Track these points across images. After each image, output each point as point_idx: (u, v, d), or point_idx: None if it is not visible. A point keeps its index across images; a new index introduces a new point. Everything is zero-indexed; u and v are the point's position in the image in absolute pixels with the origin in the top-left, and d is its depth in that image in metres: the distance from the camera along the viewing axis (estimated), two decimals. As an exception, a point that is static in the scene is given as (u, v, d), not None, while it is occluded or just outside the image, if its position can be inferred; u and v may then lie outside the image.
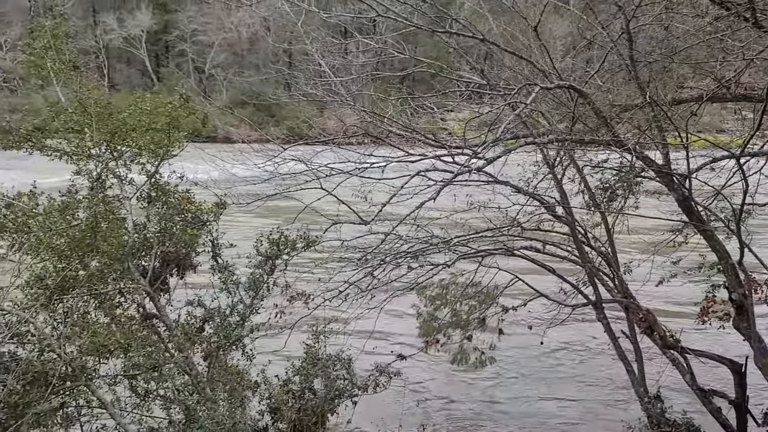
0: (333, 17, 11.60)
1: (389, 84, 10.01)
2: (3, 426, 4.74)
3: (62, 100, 7.64)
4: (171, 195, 7.44)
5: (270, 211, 15.93)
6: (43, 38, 7.44)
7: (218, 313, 7.09)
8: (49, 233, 5.95)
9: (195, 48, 63.01)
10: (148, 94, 7.66)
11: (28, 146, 7.12)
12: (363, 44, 9.63)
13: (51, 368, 4.99)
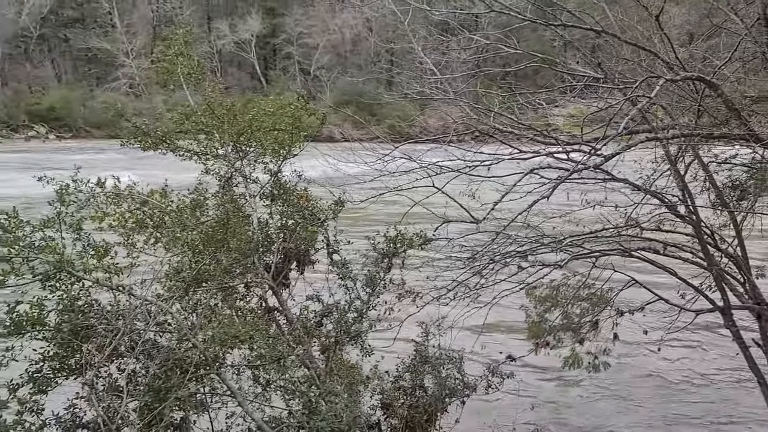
0: (440, 14, 11.61)
1: (491, 81, 9.87)
2: (149, 408, 5.13)
3: (191, 103, 8.13)
4: (291, 193, 7.74)
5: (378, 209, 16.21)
6: (175, 45, 7.97)
7: (336, 308, 7.30)
8: (183, 229, 6.35)
9: (301, 50, 65.09)
10: (271, 96, 8.01)
11: (164, 147, 7.65)
12: (464, 41, 9.57)
13: (187, 356, 5.33)
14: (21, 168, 38.13)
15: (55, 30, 66.70)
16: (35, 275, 5.69)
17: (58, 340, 5.55)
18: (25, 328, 5.67)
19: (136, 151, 8.19)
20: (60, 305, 5.68)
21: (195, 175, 8.16)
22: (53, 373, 5.72)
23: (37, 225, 5.85)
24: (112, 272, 5.95)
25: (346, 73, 61.21)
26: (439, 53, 9.76)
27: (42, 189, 6.73)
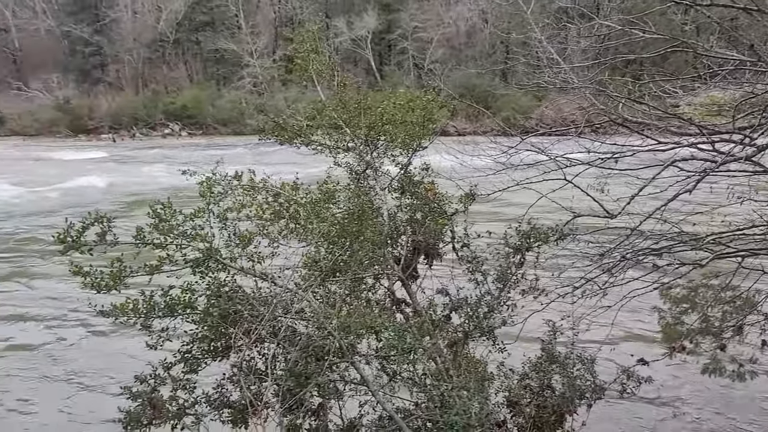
0: (562, 2, 11.19)
1: (614, 69, 9.37)
2: (291, 393, 5.34)
3: (323, 98, 8.37)
4: (419, 186, 7.76)
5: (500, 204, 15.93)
6: (308, 42, 8.22)
7: (465, 303, 7.24)
8: (317, 220, 6.54)
9: (415, 45, 65.32)
10: (401, 90, 8.07)
11: (299, 141, 7.93)
12: (586, 28, 9.14)
13: (325, 344, 5.49)
14: (158, 162, 41.18)
15: (188, 34, 71.41)
16: (187, 262, 6.09)
17: (207, 324, 5.91)
18: (177, 311, 6.09)
19: (258, 147, 8.57)
20: (208, 291, 6.05)
21: (317, 170, 8.41)
22: (202, 354, 6.12)
23: (188, 215, 6.26)
24: (255, 261, 6.25)
25: (460, 67, 60.75)
26: (557, 42, 9.42)
27: (172, 180, 7.21)
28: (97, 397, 11.31)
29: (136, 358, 12.14)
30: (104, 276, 5.89)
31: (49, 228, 23.48)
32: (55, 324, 15.00)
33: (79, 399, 11.40)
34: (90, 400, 11.31)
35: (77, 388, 11.80)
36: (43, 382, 12.15)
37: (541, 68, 8.86)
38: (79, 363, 12.88)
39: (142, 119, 63.53)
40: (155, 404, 5.74)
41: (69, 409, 11.06)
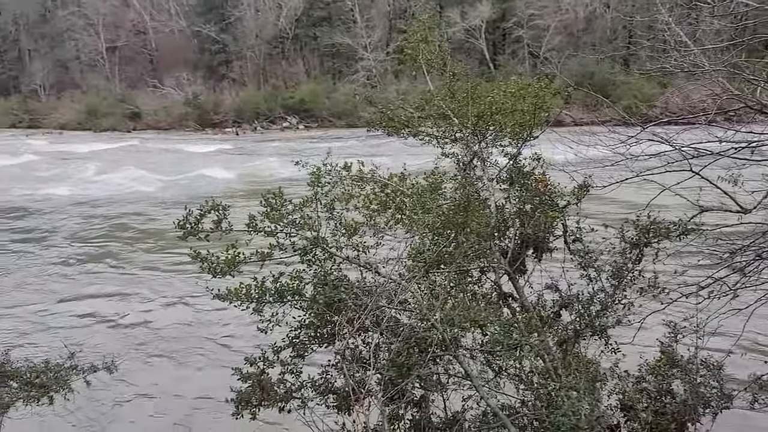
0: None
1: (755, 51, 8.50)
2: (392, 383, 5.36)
3: (431, 88, 8.29)
4: (529, 177, 7.49)
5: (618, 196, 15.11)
6: (418, 32, 8.17)
7: (577, 299, 6.91)
8: (422, 211, 6.49)
9: (531, 33, 63.42)
10: (513, 78, 7.82)
11: (406, 132, 7.92)
12: (719, 8, 8.37)
13: (427, 336, 5.44)
14: (276, 154, 42.94)
15: (306, 30, 73.75)
16: (295, 250, 6.27)
17: (313, 311, 6.06)
18: (286, 297, 6.29)
19: (371, 139, 8.65)
20: (315, 278, 6.20)
21: (425, 161, 8.33)
22: (309, 340, 6.28)
23: (297, 204, 6.44)
24: (360, 250, 6.32)
25: (577, 55, 58.23)
26: (687, 24, 8.73)
27: (288, 171, 7.42)
28: (211, 375, 11.99)
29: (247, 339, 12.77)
30: (220, 261, 6.19)
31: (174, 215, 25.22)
32: (174, 304, 16.07)
33: (194, 377, 12.15)
34: (204, 378, 12.02)
35: (193, 367, 12.57)
36: (162, 359, 13.06)
37: (668, 52, 8.25)
38: (196, 342, 13.72)
39: (262, 113, 66.52)
40: (264, 386, 5.97)
41: (185, 386, 11.81)
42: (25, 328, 14.73)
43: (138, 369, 12.26)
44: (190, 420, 10.59)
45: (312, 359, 6.44)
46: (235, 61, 76.29)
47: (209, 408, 10.63)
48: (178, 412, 10.89)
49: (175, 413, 10.87)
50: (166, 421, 10.65)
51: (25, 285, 18.23)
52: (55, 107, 75.30)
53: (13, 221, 27.06)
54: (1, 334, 13.56)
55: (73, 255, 21.35)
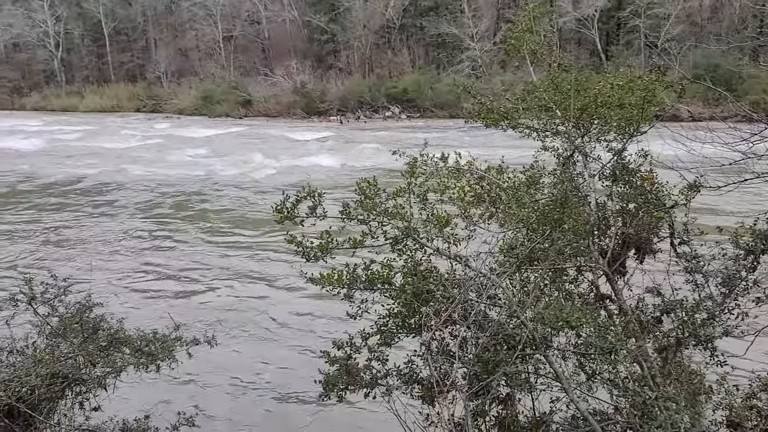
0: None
1: None
2: (478, 378, 5.30)
3: (534, 79, 8.05)
4: (634, 174, 7.11)
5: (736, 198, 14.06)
6: (523, 21, 7.95)
7: (681, 306, 6.50)
8: (517, 205, 6.33)
9: (648, 22, 59.98)
10: (621, 69, 7.44)
11: (505, 124, 7.74)
12: None
13: (516, 333, 5.32)
14: (377, 142, 43.42)
15: (413, 19, 73.83)
16: (387, 239, 6.32)
17: (401, 300, 6.09)
18: (376, 285, 6.36)
19: (474, 130, 8.53)
20: (405, 268, 6.22)
21: (528, 153, 8.10)
22: (396, 328, 6.33)
23: (390, 193, 6.47)
24: (451, 242, 6.27)
25: (701, 45, 54.40)
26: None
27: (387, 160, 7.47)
28: (301, 357, 12.37)
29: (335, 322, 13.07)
30: (314, 246, 6.35)
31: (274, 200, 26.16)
32: (271, 285, 16.69)
33: (284, 357, 12.58)
34: (294, 359, 12.42)
35: (285, 347, 13.03)
36: (254, 338, 13.63)
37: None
38: (287, 324, 14.20)
39: (366, 102, 67.44)
40: (351, 371, 6.08)
41: (276, 365, 12.27)
42: (136, 301, 15.87)
43: (231, 345, 12.86)
44: (278, 398, 11.00)
45: (398, 348, 6.49)
46: (342, 50, 77.76)
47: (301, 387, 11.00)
48: (264, 389, 11.34)
49: (262, 390, 11.33)
50: (254, 397, 11.12)
51: (137, 258, 19.62)
52: (175, 93, 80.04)
53: (136, 197, 29.14)
54: (115, 304, 14.65)
55: (186, 232, 22.71)
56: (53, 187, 32.81)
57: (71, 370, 7.18)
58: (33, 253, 20.67)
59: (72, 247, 21.39)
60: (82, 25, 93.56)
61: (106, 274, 18.00)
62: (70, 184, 33.42)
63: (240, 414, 10.67)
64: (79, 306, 7.70)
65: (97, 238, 22.40)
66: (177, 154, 41.72)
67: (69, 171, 36.74)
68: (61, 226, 24.51)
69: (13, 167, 38.66)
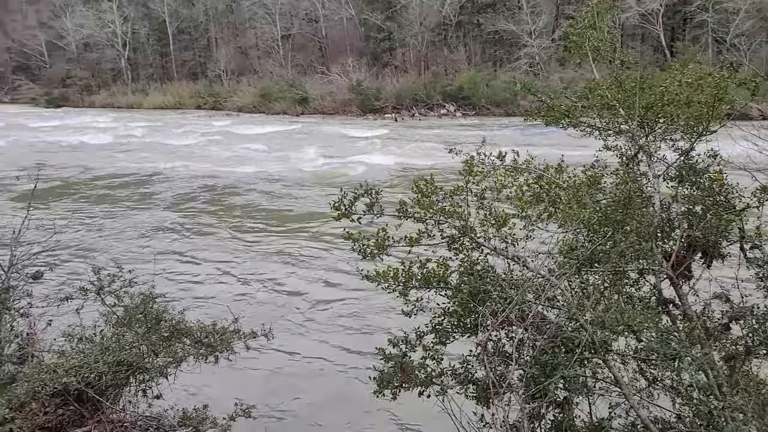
0: None
1: None
2: (534, 381, 5.21)
3: (596, 76, 7.84)
4: (701, 175, 6.84)
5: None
6: (586, 17, 7.75)
7: (751, 313, 6.22)
8: (578, 206, 6.19)
9: (717, 17, 57.62)
10: (690, 65, 7.16)
11: (566, 122, 7.58)
12: None
13: (575, 336, 5.21)
14: (432, 140, 43.31)
15: (470, 16, 73.20)
16: (443, 237, 6.30)
17: (457, 299, 6.05)
18: (432, 284, 6.35)
19: (530, 128, 8.38)
20: (461, 267, 6.18)
21: (587, 153, 7.91)
22: (451, 328, 6.30)
23: (447, 192, 6.44)
24: (509, 242, 6.19)
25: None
26: None
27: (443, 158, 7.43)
28: (354, 352, 12.46)
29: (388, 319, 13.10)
30: (370, 243, 6.39)
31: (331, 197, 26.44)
32: (326, 281, 16.87)
33: (337, 352, 12.69)
34: (347, 354, 12.52)
35: (338, 343, 13.14)
36: (311, 331, 13.79)
37: None
38: (341, 319, 14.32)
39: (421, 100, 67.29)
40: (405, 368, 6.08)
41: (329, 360, 12.40)
42: (193, 292, 16.32)
43: (286, 338, 13.07)
44: (330, 393, 11.12)
45: (453, 347, 6.45)
46: (398, 48, 77.82)
47: (349, 382, 11.10)
48: (317, 384, 11.47)
49: (315, 384, 11.47)
50: (307, 391, 11.27)
51: (193, 250, 20.18)
52: (234, 91, 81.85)
53: (192, 192, 29.99)
54: (175, 295, 15.10)
55: (247, 228, 23.23)
56: (115, 180, 34.12)
57: (135, 359, 7.45)
58: (99, 242, 21.55)
59: (133, 238, 22.19)
60: (147, 25, 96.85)
61: (164, 265, 18.59)
62: (129, 177, 34.69)
63: (292, 407, 10.85)
64: (143, 297, 7.97)
65: (154, 230, 23.17)
66: (234, 151, 42.70)
67: (130, 165, 38.13)
68: (122, 216, 25.47)
69: (81, 161, 40.39)
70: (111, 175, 35.60)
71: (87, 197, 30.09)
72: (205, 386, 10.53)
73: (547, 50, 65.14)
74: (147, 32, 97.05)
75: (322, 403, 10.92)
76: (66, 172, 36.73)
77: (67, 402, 6.54)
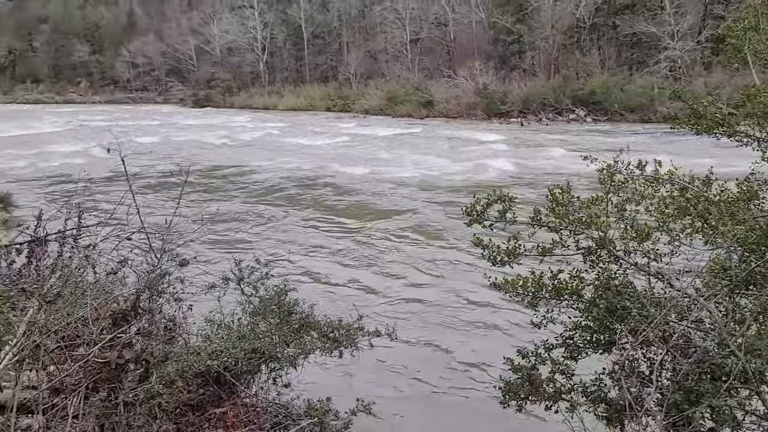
0: None
1: None
2: (677, 408, 4.88)
3: (757, 82, 7.21)
4: None
5: None
6: (746, 18, 7.16)
7: None
8: (732, 222, 5.72)
9: None
10: None
11: (720, 132, 7.04)
12: None
13: (725, 363, 4.81)
14: (559, 146, 41.96)
15: (606, 18, 70.12)
16: (578, 249, 6.06)
17: (592, 314, 5.80)
18: (563, 296, 6.14)
19: (666, 136, 7.83)
20: (597, 281, 5.92)
21: (725, 164, 7.29)
22: (583, 343, 6.05)
23: (584, 201, 6.20)
24: (651, 257, 5.85)
25: None
26: None
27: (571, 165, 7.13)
28: (477, 359, 12.31)
29: (518, 329, 12.78)
30: (501, 251, 6.29)
31: (455, 201, 26.36)
32: (450, 286, 16.80)
33: (460, 357, 12.59)
34: (470, 360, 12.39)
35: (461, 348, 13.04)
36: (433, 334, 13.79)
37: None
38: (465, 324, 14.20)
39: (549, 104, 65.40)
40: (533, 381, 5.93)
41: (451, 364, 12.33)
42: (321, 287, 16.92)
43: (408, 339, 13.18)
44: (451, 398, 11.07)
45: (582, 363, 6.20)
46: (527, 51, 76.21)
47: (471, 390, 10.99)
48: (439, 387, 11.47)
49: (436, 387, 11.46)
50: (427, 394, 11.29)
51: (321, 248, 20.91)
52: (363, 94, 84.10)
53: (318, 190, 31.16)
54: (306, 289, 15.72)
55: (365, 228, 23.79)
56: (249, 176, 36.16)
57: (268, 348, 7.84)
58: (236, 235, 22.96)
59: (266, 232, 23.41)
60: (285, 30, 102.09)
61: (294, 258, 19.44)
62: (260, 174, 36.58)
63: (410, 408, 10.93)
64: (277, 289, 8.38)
65: (286, 226, 24.29)
66: (358, 151, 43.85)
67: (263, 164, 40.24)
68: (255, 212, 26.95)
69: (224, 158, 43.29)
70: (246, 171, 37.83)
71: (226, 191, 32.19)
72: (327, 379, 10.89)
73: (691, 53, 60.91)
74: (284, 37, 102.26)
75: (441, 407, 10.92)
76: (210, 167, 39.52)
77: (207, 383, 7.02)
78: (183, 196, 10.04)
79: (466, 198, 6.39)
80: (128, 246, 9.24)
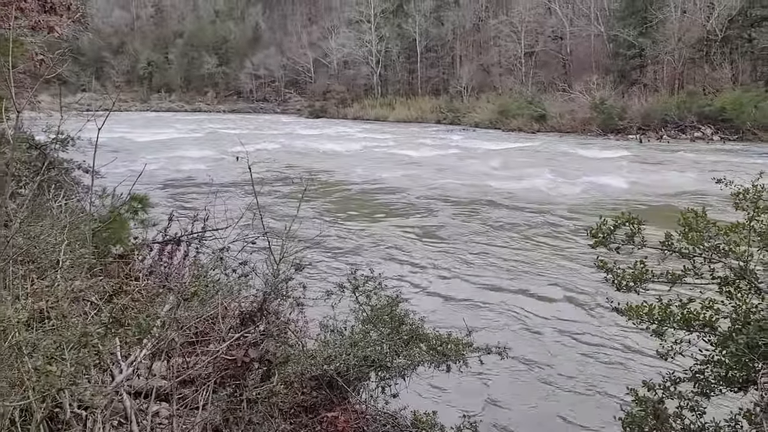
0: None
1: None
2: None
3: None
4: None
5: None
6: None
7: None
8: None
9: None
10: None
11: None
12: None
13: None
14: (683, 167, 39.61)
15: (740, 31, 65.51)
16: (713, 278, 5.69)
17: (729, 349, 5.42)
18: (693, 327, 5.78)
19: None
20: (735, 314, 5.52)
21: None
22: (715, 379, 5.66)
23: (722, 227, 5.82)
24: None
25: None
26: None
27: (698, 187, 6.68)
28: (592, 387, 11.80)
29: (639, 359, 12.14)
30: (626, 275, 6.04)
31: (568, 220, 25.51)
32: (566, 309, 16.24)
33: (574, 383, 12.12)
34: (585, 387, 11.89)
35: (576, 373, 12.55)
36: (546, 355, 13.35)
37: None
38: (580, 349, 13.65)
39: (671, 121, 61.87)
40: (659, 416, 5.61)
41: (565, 389, 11.89)
42: (429, 300, 16.92)
43: (521, 358, 12.87)
44: (565, 426, 10.69)
45: (717, 401, 5.79)
46: (649, 65, 72.65)
47: (586, 419, 10.56)
48: (551, 412, 11.10)
49: (548, 411, 11.11)
50: (540, 418, 10.96)
51: (439, 261, 20.93)
52: (473, 107, 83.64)
53: (423, 204, 31.26)
54: (415, 300, 15.79)
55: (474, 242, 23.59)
56: (359, 186, 36.92)
57: (378, 356, 7.96)
58: (348, 243, 23.51)
59: (377, 243, 23.78)
60: (399, 44, 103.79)
61: (406, 269, 19.59)
62: (368, 185, 37.24)
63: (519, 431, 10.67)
64: (389, 299, 8.50)
65: (395, 237, 24.54)
66: (470, 166, 43.58)
67: (371, 175, 40.99)
68: (366, 222, 27.43)
69: (339, 167, 44.60)
70: (358, 182, 38.70)
71: (338, 200, 33.08)
72: (433, 392, 10.87)
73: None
74: (398, 50, 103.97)
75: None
76: (327, 176, 40.85)
77: (320, 386, 7.23)
78: (302, 202, 10.43)
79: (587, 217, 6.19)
80: (249, 249, 9.74)
